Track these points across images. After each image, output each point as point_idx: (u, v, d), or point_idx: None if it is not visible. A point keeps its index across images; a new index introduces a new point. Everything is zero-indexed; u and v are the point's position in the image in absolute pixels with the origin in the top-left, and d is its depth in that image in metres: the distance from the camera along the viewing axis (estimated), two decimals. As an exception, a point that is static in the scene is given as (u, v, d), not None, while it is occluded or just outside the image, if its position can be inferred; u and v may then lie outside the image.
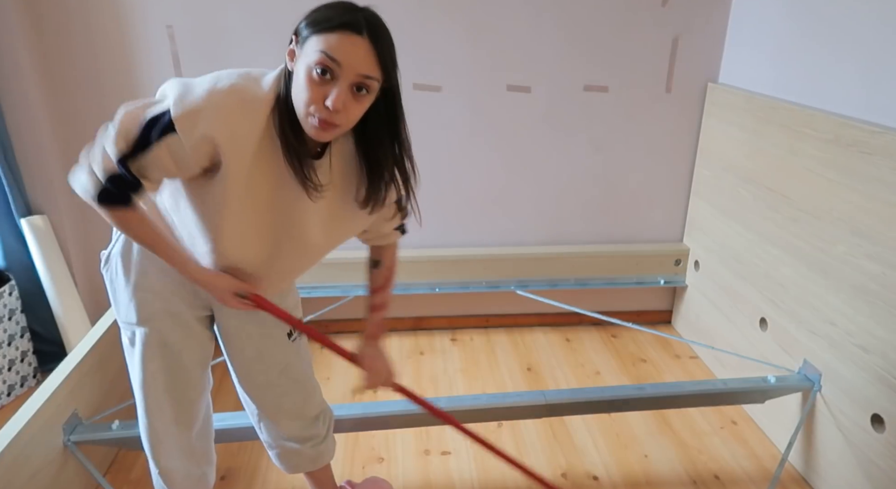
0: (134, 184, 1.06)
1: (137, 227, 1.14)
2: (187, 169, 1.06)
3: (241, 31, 2.19)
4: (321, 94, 0.98)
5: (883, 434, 1.58)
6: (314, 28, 0.98)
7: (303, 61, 0.99)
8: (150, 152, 1.02)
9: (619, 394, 1.84)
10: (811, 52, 1.88)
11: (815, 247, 1.81)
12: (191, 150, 1.02)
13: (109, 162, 1.03)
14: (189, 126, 1.00)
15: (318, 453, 1.54)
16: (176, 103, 1.01)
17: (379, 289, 1.43)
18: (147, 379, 1.32)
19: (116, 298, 1.29)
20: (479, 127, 2.40)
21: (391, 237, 1.39)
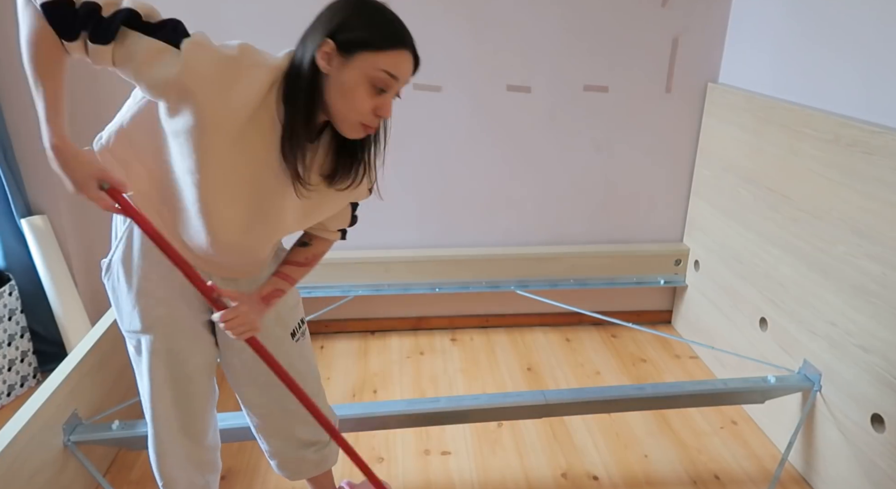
0: (105, 36, 0.98)
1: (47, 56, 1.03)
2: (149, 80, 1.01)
3: (241, 31, 2.19)
4: (374, 104, 1.04)
5: (883, 434, 1.58)
6: (369, 45, 1.00)
7: (357, 73, 1.01)
8: (147, 39, 1.00)
9: (619, 394, 1.84)
10: (811, 51, 1.88)
11: (816, 248, 1.81)
12: (176, 72, 0.99)
13: (116, 4, 0.98)
14: (193, 55, 1.00)
15: (322, 458, 1.53)
16: (197, 34, 1.03)
17: (297, 263, 1.35)
18: (154, 389, 1.31)
19: (119, 306, 1.27)
20: (479, 127, 2.40)
21: (332, 236, 1.37)
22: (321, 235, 1.36)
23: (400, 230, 2.53)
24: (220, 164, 1.09)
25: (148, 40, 1.00)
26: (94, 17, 0.97)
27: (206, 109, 1.02)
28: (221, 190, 1.12)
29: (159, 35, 1.01)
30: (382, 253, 2.48)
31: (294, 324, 1.41)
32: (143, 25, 1.01)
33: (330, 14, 1.03)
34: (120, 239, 1.23)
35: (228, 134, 1.05)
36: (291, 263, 1.35)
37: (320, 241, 1.38)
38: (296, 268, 1.35)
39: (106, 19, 0.98)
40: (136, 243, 1.22)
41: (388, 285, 2.50)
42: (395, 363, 2.46)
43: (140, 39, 1.00)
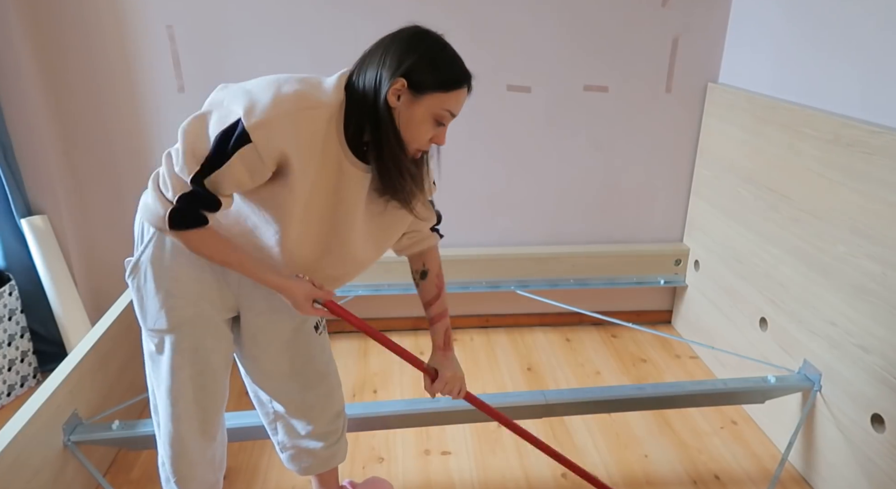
0: (209, 200, 1.06)
1: (214, 246, 1.14)
2: (261, 178, 1.08)
3: (241, 31, 2.19)
4: (433, 134, 1.15)
5: (883, 434, 1.58)
6: (439, 86, 1.09)
7: (424, 110, 1.10)
8: (226, 166, 1.03)
9: (619, 394, 1.84)
10: (811, 52, 1.88)
11: (816, 247, 1.81)
12: (266, 159, 1.04)
13: (181, 182, 1.04)
14: (264, 135, 1.02)
15: (331, 454, 1.55)
16: (247, 114, 1.02)
17: (433, 299, 1.44)
18: (177, 386, 1.31)
19: (145, 306, 1.27)
20: (479, 127, 2.40)
21: (430, 239, 1.41)
22: (423, 247, 1.40)
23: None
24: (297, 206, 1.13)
25: (227, 167, 1.04)
26: (191, 198, 1.05)
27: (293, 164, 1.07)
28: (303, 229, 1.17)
29: (228, 152, 1.03)
30: (382, 253, 2.47)
31: (316, 318, 1.44)
32: (210, 165, 1.03)
33: (399, 51, 1.07)
34: (149, 240, 1.23)
35: (305, 176, 1.10)
36: (433, 301, 1.44)
37: (429, 255, 1.43)
38: (439, 300, 1.44)
39: (195, 196, 1.05)
40: (168, 243, 1.22)
41: (388, 285, 2.50)
42: (395, 363, 2.46)
43: (222, 173, 1.04)
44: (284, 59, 2.23)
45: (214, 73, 2.23)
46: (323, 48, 2.23)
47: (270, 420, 1.52)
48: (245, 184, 1.07)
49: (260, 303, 1.33)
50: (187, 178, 1.03)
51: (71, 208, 2.34)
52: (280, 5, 2.17)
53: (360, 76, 1.10)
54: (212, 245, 1.13)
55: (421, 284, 1.44)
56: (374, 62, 1.08)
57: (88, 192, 2.35)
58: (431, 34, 1.11)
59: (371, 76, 1.08)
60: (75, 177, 2.32)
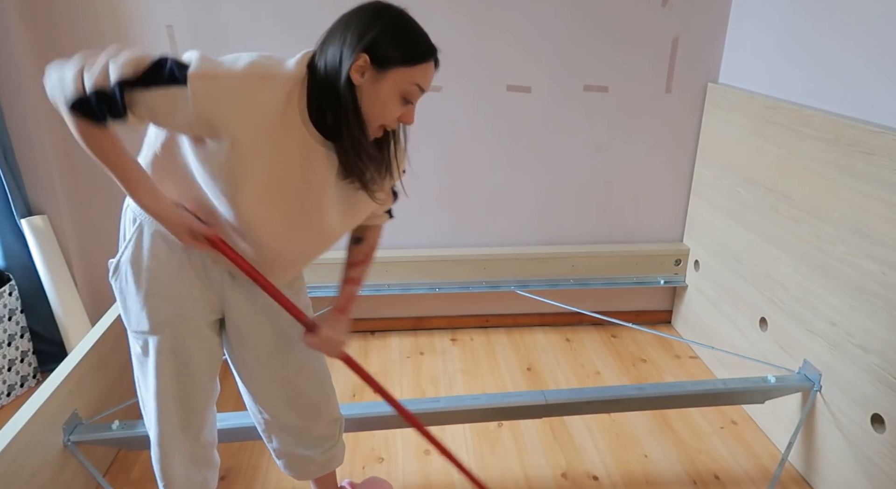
0: (119, 110, 1.01)
1: (100, 145, 1.07)
2: (177, 125, 1.05)
3: (240, 31, 2.19)
4: (401, 112, 1.11)
5: (883, 434, 1.58)
6: (404, 60, 1.05)
7: (390, 86, 1.06)
8: (152, 91, 1.01)
9: (619, 394, 1.84)
10: (811, 51, 1.88)
11: (815, 248, 1.81)
12: (194, 112, 1.01)
13: (106, 79, 0.99)
14: (202, 88, 1.00)
15: (328, 458, 1.54)
16: (197, 63, 1.01)
17: (357, 263, 1.41)
18: (160, 387, 1.31)
19: (127, 307, 1.27)
20: (479, 127, 2.40)
21: (381, 219, 1.40)
22: (371, 223, 1.39)
23: (400, 230, 2.52)
24: (253, 182, 1.10)
25: (153, 93, 1.01)
26: (102, 98, 1.00)
27: (236, 133, 1.04)
28: (258, 205, 1.14)
29: (160, 82, 1.01)
30: (382, 253, 2.45)
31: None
32: (140, 81, 1.01)
33: (360, 27, 1.04)
34: (129, 240, 1.23)
35: (259, 150, 1.07)
36: (353, 265, 1.41)
37: (371, 230, 1.41)
38: (359, 267, 1.41)
39: (109, 96, 1.00)
40: (146, 244, 1.22)
41: (388, 285, 2.50)
42: (395, 363, 2.46)
43: (146, 95, 1.01)
44: (284, 59, 2.23)
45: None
46: (323, 48, 2.23)
47: (264, 428, 1.50)
48: (158, 117, 1.04)
49: (243, 305, 1.32)
50: (114, 78, 0.99)
51: (71, 208, 2.34)
52: (280, 6, 2.17)
53: (322, 54, 1.07)
54: (98, 143, 1.06)
55: (352, 248, 1.42)
56: (336, 39, 1.05)
57: (88, 192, 2.35)
58: (393, 7, 1.08)
59: (333, 53, 1.05)
60: (75, 177, 2.32)
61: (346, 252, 1.43)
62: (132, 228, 1.23)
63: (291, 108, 1.07)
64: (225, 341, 1.40)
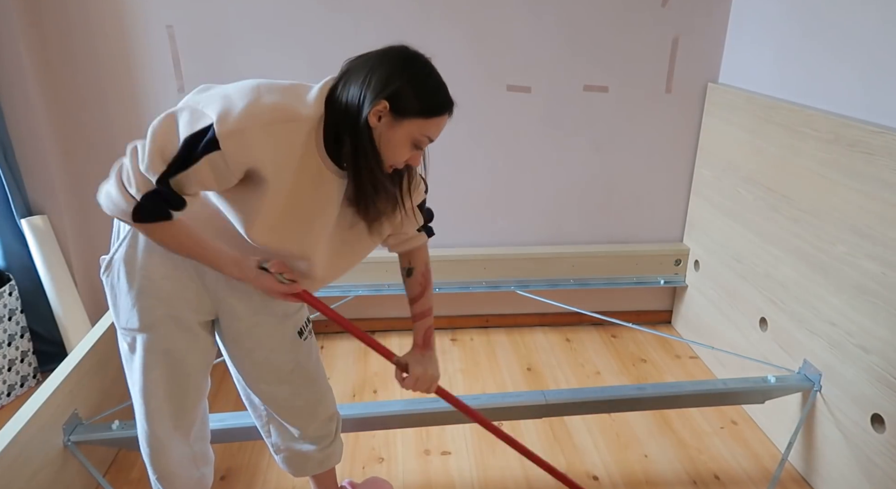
0: (173, 199, 1.06)
1: (177, 237, 1.13)
2: (226, 184, 1.08)
3: (241, 32, 2.19)
4: (409, 156, 1.15)
5: (883, 434, 1.58)
6: (421, 112, 1.09)
7: (403, 134, 1.10)
8: (192, 169, 1.03)
9: (619, 394, 1.84)
10: (811, 51, 1.88)
11: (816, 247, 1.81)
12: (234, 167, 1.04)
13: (146, 181, 1.03)
14: (234, 144, 1.02)
15: (326, 456, 1.54)
16: (220, 120, 1.01)
17: (417, 296, 1.43)
18: (148, 385, 1.31)
19: (117, 304, 1.28)
20: (479, 127, 2.40)
21: (417, 239, 1.40)
22: (410, 246, 1.40)
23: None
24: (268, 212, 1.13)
25: (193, 171, 1.03)
26: (156, 197, 1.05)
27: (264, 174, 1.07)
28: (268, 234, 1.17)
29: (193, 159, 1.03)
30: (382, 253, 2.46)
31: (301, 323, 1.43)
32: (176, 167, 1.03)
33: (385, 73, 1.06)
34: (123, 238, 1.24)
35: (279, 185, 1.10)
36: (417, 298, 1.44)
37: (415, 253, 1.42)
38: (422, 298, 1.43)
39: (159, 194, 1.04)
40: (141, 243, 1.22)
41: (388, 285, 2.50)
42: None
43: (188, 175, 1.04)
44: (284, 59, 2.23)
45: (214, 74, 2.23)
46: (322, 49, 2.23)
47: (263, 422, 1.51)
48: (210, 186, 1.07)
49: (238, 308, 1.32)
50: (153, 178, 1.02)
51: (71, 208, 2.34)
52: (280, 6, 2.17)
53: (343, 91, 1.09)
54: (174, 236, 1.13)
55: (406, 281, 1.45)
56: (359, 79, 1.08)
57: (88, 192, 2.33)
58: (419, 59, 1.11)
59: (354, 93, 1.07)
60: (75, 177, 2.32)
61: (405, 287, 1.45)
62: (127, 227, 1.24)
63: (311, 142, 1.10)
64: (220, 341, 1.41)
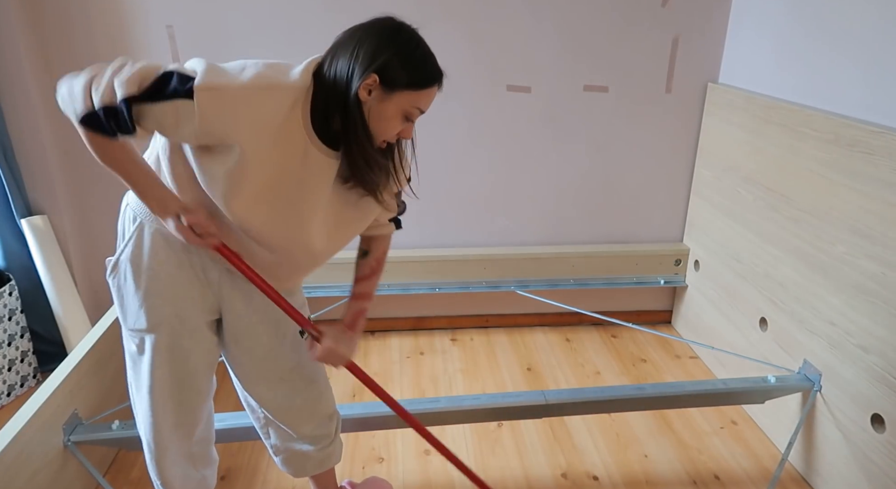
0: (127, 125, 1.04)
1: (112, 156, 1.10)
2: (183, 137, 1.07)
3: (241, 31, 2.19)
4: (401, 129, 1.14)
5: (883, 434, 1.58)
6: (411, 84, 1.08)
7: (394, 107, 1.09)
8: (158, 105, 1.02)
9: (619, 394, 1.84)
10: (811, 51, 1.88)
11: (816, 247, 1.81)
12: (200, 124, 1.03)
13: (112, 95, 1.02)
14: (207, 101, 1.02)
15: (325, 455, 1.54)
16: (202, 77, 1.02)
17: (364, 278, 1.42)
18: (155, 385, 1.31)
19: (125, 305, 1.28)
20: (479, 127, 2.40)
21: (386, 228, 1.41)
22: (376, 233, 1.40)
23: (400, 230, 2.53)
24: (249, 187, 1.12)
25: (160, 107, 1.03)
26: (110, 113, 1.03)
27: (240, 143, 1.06)
28: (251, 209, 1.15)
29: (165, 96, 1.02)
30: (382, 253, 2.47)
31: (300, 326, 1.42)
32: (146, 96, 1.02)
33: (372, 46, 1.06)
34: (129, 238, 1.24)
35: (260, 157, 1.09)
36: (361, 280, 1.41)
37: (377, 241, 1.41)
38: (366, 282, 1.41)
39: (117, 112, 1.02)
40: (147, 243, 1.22)
41: (388, 285, 2.50)
42: (395, 363, 2.46)
43: (152, 109, 1.03)
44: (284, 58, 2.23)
45: (214, 73, 2.23)
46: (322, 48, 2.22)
47: (262, 424, 1.51)
48: (165, 130, 1.06)
49: (239, 305, 1.32)
50: (120, 95, 1.01)
51: (71, 208, 2.34)
52: (280, 6, 2.17)
53: (331, 65, 1.09)
54: (112, 152, 1.09)
55: (359, 261, 1.44)
56: (347, 53, 1.07)
57: (88, 192, 2.35)
58: (406, 29, 1.10)
59: (342, 67, 1.07)
60: (75, 177, 2.32)
61: (354, 267, 1.44)
62: (132, 227, 1.24)
63: (295, 115, 1.09)
64: (221, 340, 1.40)
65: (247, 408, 1.51)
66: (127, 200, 1.27)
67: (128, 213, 1.26)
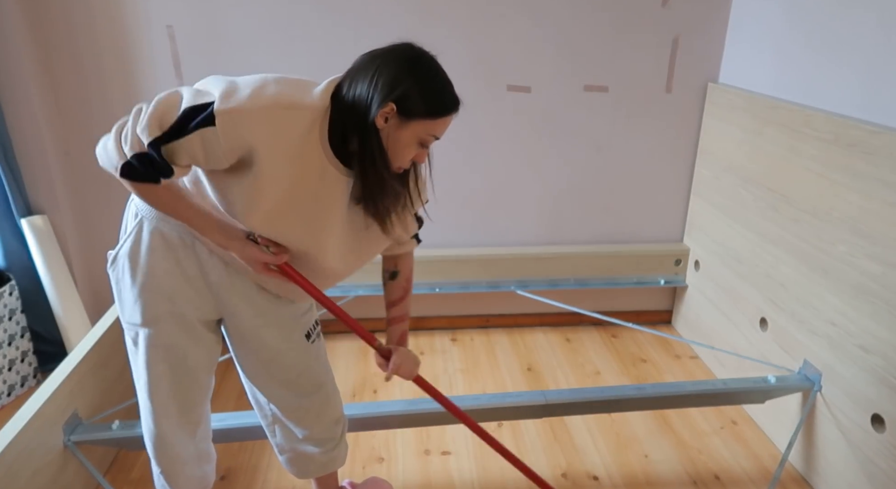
0: (162, 166, 1.06)
1: (160, 199, 1.12)
2: (216, 163, 1.08)
3: (241, 32, 2.19)
4: (415, 154, 1.16)
5: (883, 434, 1.58)
6: (428, 114, 1.10)
7: (410, 134, 1.11)
8: (184, 140, 1.03)
9: (619, 394, 1.84)
10: (811, 52, 1.88)
11: (816, 248, 1.81)
12: (226, 146, 1.04)
13: (139, 143, 1.04)
14: (229, 123, 1.02)
15: (330, 458, 1.54)
16: (221, 98, 1.03)
17: (399, 300, 1.44)
18: (152, 381, 1.32)
19: (122, 298, 1.29)
20: (479, 127, 2.40)
21: (409, 245, 1.41)
22: (399, 251, 1.41)
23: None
24: (267, 205, 1.13)
25: (186, 140, 1.04)
26: (146, 161, 1.05)
27: (260, 161, 1.07)
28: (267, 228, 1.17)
29: (191, 128, 1.03)
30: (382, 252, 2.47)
31: (309, 326, 1.43)
32: (171, 135, 1.04)
33: (392, 75, 1.06)
34: (129, 234, 1.25)
35: (278, 176, 1.10)
36: (396, 302, 1.43)
37: (403, 259, 1.43)
38: (402, 304, 1.44)
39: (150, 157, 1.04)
40: (145, 239, 1.23)
41: (388, 285, 2.50)
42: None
43: (181, 145, 1.04)
44: (284, 59, 2.23)
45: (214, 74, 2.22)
46: (322, 49, 2.23)
47: (269, 422, 1.52)
48: (199, 161, 1.07)
49: (241, 309, 1.32)
50: (146, 141, 1.03)
51: (71, 208, 2.34)
52: (280, 6, 2.17)
53: (349, 89, 1.10)
54: (159, 197, 1.12)
55: (389, 284, 1.44)
56: (366, 79, 1.08)
57: (88, 192, 2.35)
58: (425, 58, 1.11)
59: (361, 93, 1.08)
60: (75, 177, 2.32)
61: (384, 290, 1.45)
62: (133, 222, 1.25)
63: (313, 135, 1.10)
64: (227, 341, 1.41)
65: (254, 404, 1.51)
66: (132, 196, 1.28)
67: (131, 209, 1.27)
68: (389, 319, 1.44)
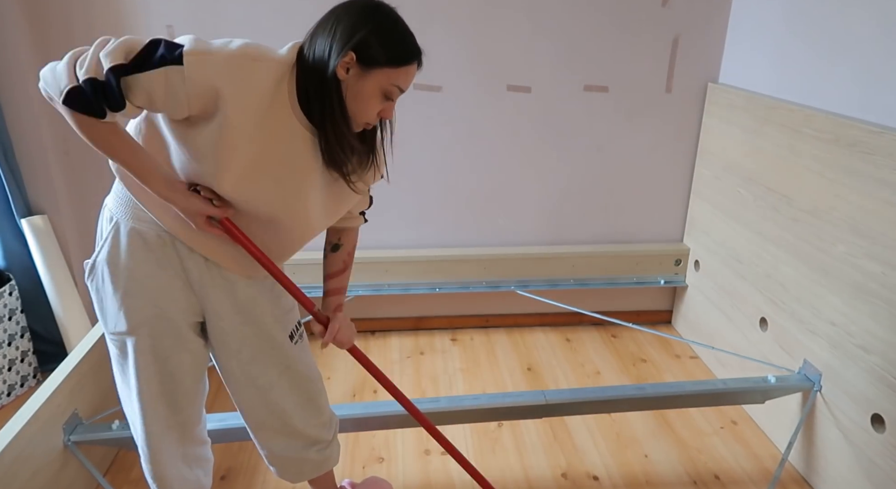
0: (115, 98, 1.00)
1: (104, 138, 1.05)
2: (175, 108, 1.04)
3: (241, 31, 2.19)
4: (381, 108, 1.13)
5: (883, 434, 1.58)
6: (389, 61, 1.07)
7: (372, 85, 1.09)
8: (147, 74, 1.00)
9: (619, 394, 1.84)
10: (811, 52, 1.88)
11: (816, 247, 1.81)
12: (191, 90, 1.02)
13: (99, 67, 0.99)
14: (197, 64, 1.01)
15: (323, 458, 1.52)
16: (190, 42, 1.02)
17: (338, 272, 1.42)
18: (142, 387, 1.30)
19: (104, 308, 1.26)
20: (479, 127, 2.40)
21: (357, 220, 1.41)
22: (347, 224, 1.40)
23: (400, 230, 2.53)
24: (238, 162, 1.11)
25: (148, 76, 1.01)
26: (97, 87, 0.99)
27: (227, 112, 1.05)
28: (240, 187, 1.14)
29: (154, 64, 1.01)
30: (382, 253, 2.48)
31: (292, 327, 1.41)
32: (134, 65, 1.00)
33: (350, 24, 1.05)
34: (105, 239, 1.22)
35: (247, 131, 1.08)
36: (336, 274, 1.41)
37: (348, 234, 1.42)
38: (341, 276, 1.41)
39: (104, 85, 0.99)
40: (123, 242, 1.21)
41: (388, 285, 2.50)
42: (396, 363, 2.46)
43: (141, 79, 1.01)
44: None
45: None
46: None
47: (255, 436, 1.49)
48: (157, 102, 1.03)
49: (222, 306, 1.30)
50: (107, 65, 0.98)
51: (71, 208, 2.34)
52: (280, 6, 2.17)
53: (310, 45, 1.09)
54: (100, 133, 1.05)
55: (330, 256, 1.42)
56: (325, 32, 1.07)
57: (88, 192, 2.35)
58: (383, 7, 1.09)
59: (321, 47, 1.07)
60: (75, 177, 2.32)
61: (324, 262, 1.42)
62: (108, 226, 1.22)
63: (281, 92, 1.09)
64: (209, 348, 1.38)
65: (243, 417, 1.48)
66: (105, 202, 1.26)
67: (105, 214, 1.25)
68: (326, 291, 1.41)
